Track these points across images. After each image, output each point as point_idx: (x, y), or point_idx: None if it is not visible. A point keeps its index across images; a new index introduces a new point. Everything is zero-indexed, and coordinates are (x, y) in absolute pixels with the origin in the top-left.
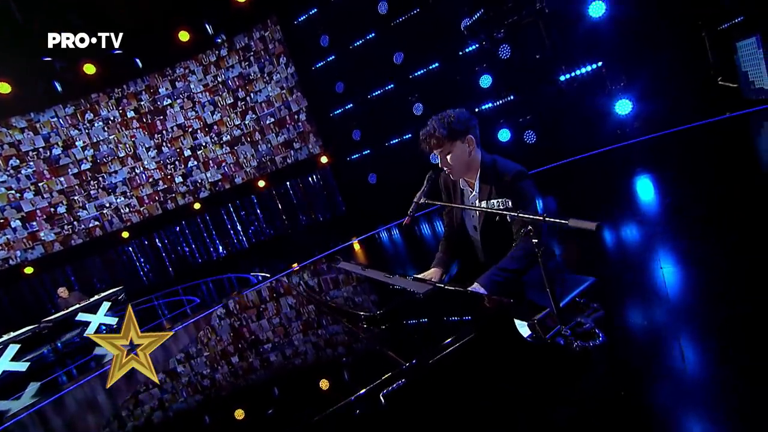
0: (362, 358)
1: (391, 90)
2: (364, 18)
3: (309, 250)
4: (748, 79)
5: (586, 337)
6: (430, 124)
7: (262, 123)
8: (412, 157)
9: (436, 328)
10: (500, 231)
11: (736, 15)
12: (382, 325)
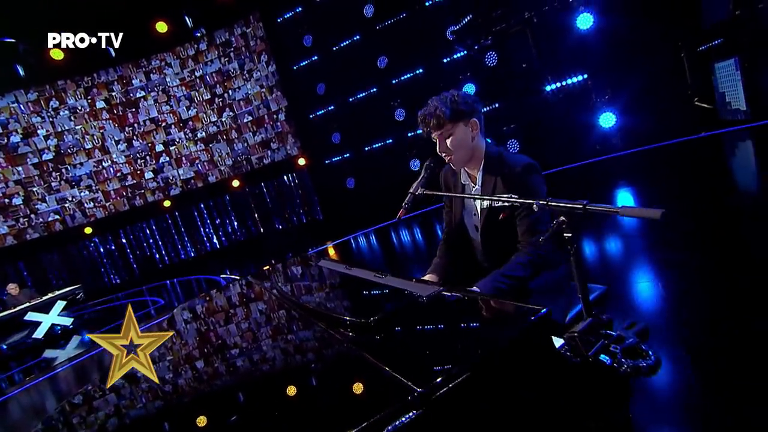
0: (355, 381)
1: (374, 94)
2: (350, 20)
3: (282, 254)
4: (725, 99)
5: (633, 354)
6: (431, 103)
7: (239, 121)
8: (392, 163)
9: (449, 340)
10: (503, 232)
11: (715, 37)
12: (377, 335)
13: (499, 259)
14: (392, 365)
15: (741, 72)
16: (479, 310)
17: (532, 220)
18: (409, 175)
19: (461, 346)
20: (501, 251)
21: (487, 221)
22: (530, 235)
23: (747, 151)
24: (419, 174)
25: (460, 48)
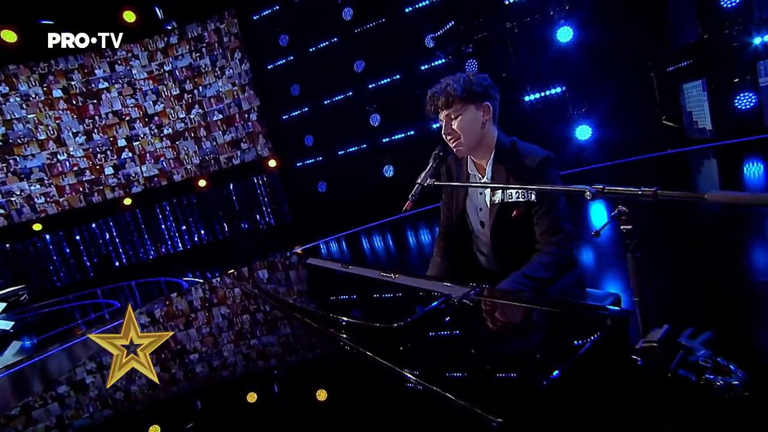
0: (407, 413)
1: (349, 98)
2: (327, 22)
3: (248, 257)
4: (692, 119)
5: (718, 371)
6: (442, 82)
7: (208, 119)
8: (365, 168)
9: (504, 352)
10: (516, 231)
11: (684, 59)
12: (408, 344)
13: (509, 260)
14: (451, 387)
15: (707, 93)
16: (533, 313)
17: (553, 217)
18: (382, 182)
19: (526, 358)
20: (512, 251)
21: (498, 218)
22: (551, 234)
23: (711, 169)
24: (425, 165)
25: (440, 54)
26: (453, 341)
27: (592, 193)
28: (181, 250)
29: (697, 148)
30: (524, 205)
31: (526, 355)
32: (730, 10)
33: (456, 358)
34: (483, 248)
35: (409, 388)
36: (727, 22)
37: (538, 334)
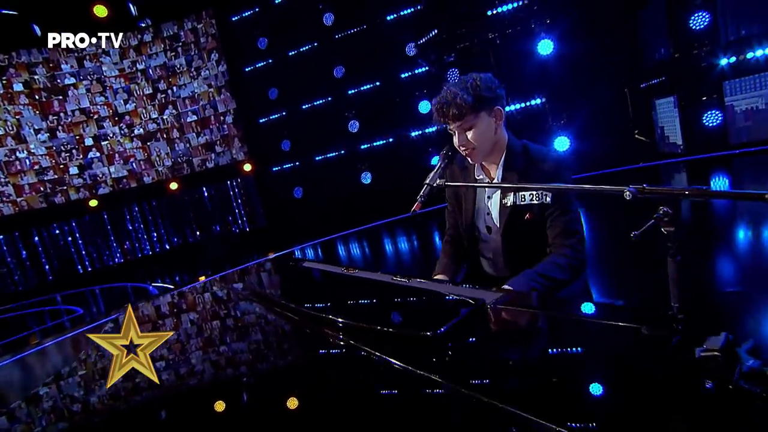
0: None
1: (328, 103)
2: (308, 26)
3: (220, 263)
4: (664, 133)
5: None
6: (450, 90)
7: (182, 120)
8: (342, 175)
9: (563, 363)
10: (529, 234)
11: (657, 76)
12: (445, 354)
13: (520, 263)
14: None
15: (678, 109)
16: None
17: (567, 219)
18: (359, 189)
19: (597, 371)
20: (524, 254)
21: (510, 221)
22: (566, 237)
23: (681, 182)
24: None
25: (423, 62)
26: (494, 348)
27: (632, 193)
28: (150, 255)
29: (669, 162)
30: (537, 208)
31: (587, 365)
32: (698, 32)
33: (505, 367)
34: (488, 253)
35: (465, 402)
36: (695, 43)
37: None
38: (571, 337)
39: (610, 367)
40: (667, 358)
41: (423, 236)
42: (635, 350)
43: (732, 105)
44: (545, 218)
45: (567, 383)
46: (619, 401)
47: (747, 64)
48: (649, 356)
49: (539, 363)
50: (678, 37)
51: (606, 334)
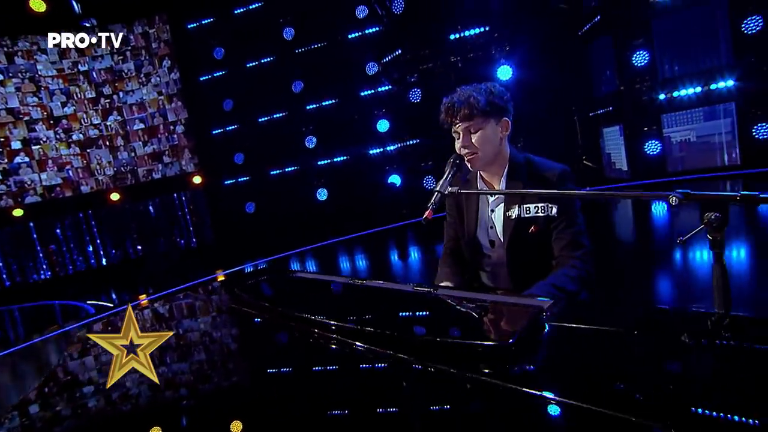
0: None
1: (285, 118)
2: (267, 39)
3: (164, 280)
4: (611, 160)
5: None
6: (463, 91)
7: (128, 127)
8: (297, 191)
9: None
10: (533, 247)
11: (605, 105)
12: (522, 364)
13: (524, 276)
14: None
15: (624, 138)
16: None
17: (574, 232)
18: (314, 205)
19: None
20: (529, 269)
21: (514, 234)
22: (573, 249)
23: (627, 207)
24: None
25: (385, 81)
26: (569, 354)
27: (678, 198)
28: (85, 270)
29: (614, 187)
30: (543, 221)
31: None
32: (640, 68)
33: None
34: (488, 267)
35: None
36: (637, 78)
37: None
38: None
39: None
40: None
41: (380, 252)
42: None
43: (669, 136)
44: (550, 231)
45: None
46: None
47: (681, 100)
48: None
49: (618, 366)
50: (623, 71)
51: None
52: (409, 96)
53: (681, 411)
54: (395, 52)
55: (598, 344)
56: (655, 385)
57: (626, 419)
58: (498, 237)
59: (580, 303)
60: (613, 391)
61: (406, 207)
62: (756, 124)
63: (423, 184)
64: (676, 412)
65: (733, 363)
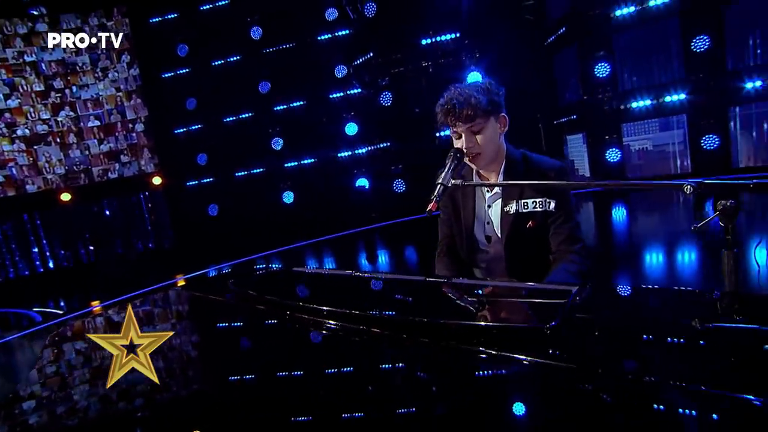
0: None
1: (251, 119)
2: (234, 38)
3: (119, 285)
4: (574, 166)
5: None
6: (462, 91)
7: (82, 124)
8: (262, 193)
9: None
10: (531, 242)
11: (569, 114)
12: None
13: (521, 273)
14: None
15: (586, 145)
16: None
17: (571, 227)
18: (280, 208)
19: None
20: (526, 264)
21: (512, 230)
22: (571, 244)
23: (588, 211)
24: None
25: (356, 83)
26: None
27: (693, 186)
28: (27, 275)
29: (578, 192)
30: (540, 216)
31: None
32: (602, 79)
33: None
34: (483, 263)
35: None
36: (600, 88)
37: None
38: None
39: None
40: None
41: (350, 255)
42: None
43: (629, 145)
44: (548, 226)
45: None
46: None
47: (639, 110)
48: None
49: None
50: (586, 81)
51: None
52: (380, 99)
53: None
54: (367, 55)
55: (630, 322)
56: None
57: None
58: (495, 232)
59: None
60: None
61: (375, 210)
62: (705, 135)
63: (393, 188)
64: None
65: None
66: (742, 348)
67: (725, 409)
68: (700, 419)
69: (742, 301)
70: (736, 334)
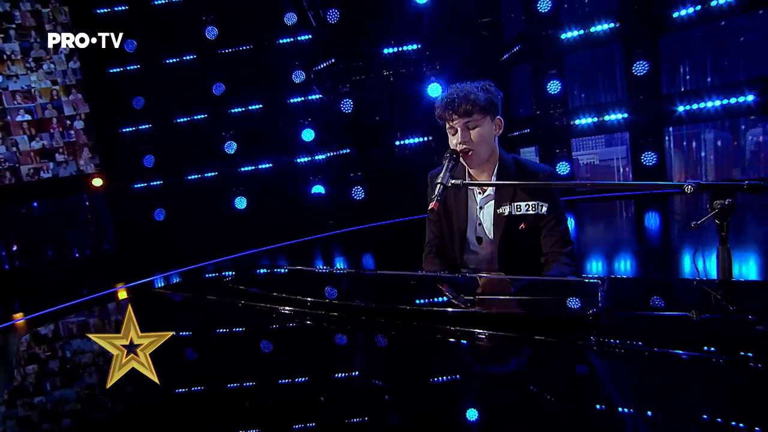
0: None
1: (203, 120)
2: (187, 36)
3: (52, 295)
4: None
5: None
6: (463, 87)
7: (8, 117)
8: (213, 198)
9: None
10: (522, 243)
11: (523, 128)
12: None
13: (515, 274)
14: None
15: (539, 158)
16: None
17: (562, 230)
18: (232, 214)
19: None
20: (518, 263)
21: (506, 230)
22: (562, 246)
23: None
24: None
25: (316, 89)
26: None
27: (693, 186)
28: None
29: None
30: (532, 218)
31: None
32: (554, 96)
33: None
34: (472, 264)
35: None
36: (551, 104)
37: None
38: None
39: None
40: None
41: (306, 263)
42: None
43: (578, 159)
44: (539, 228)
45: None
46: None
47: (587, 127)
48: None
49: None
50: (539, 97)
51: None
52: (341, 106)
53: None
54: (329, 61)
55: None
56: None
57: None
58: (486, 234)
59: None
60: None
61: (332, 218)
62: (644, 152)
63: (351, 195)
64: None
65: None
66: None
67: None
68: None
69: (736, 290)
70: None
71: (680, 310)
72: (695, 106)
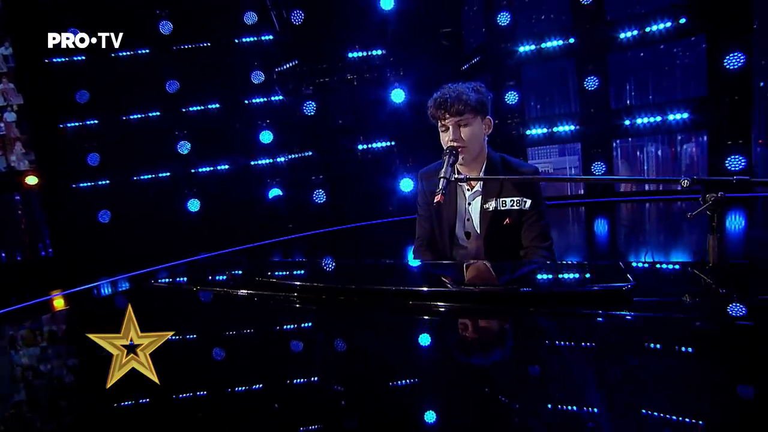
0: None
1: (155, 118)
2: (139, 29)
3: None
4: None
5: None
6: (455, 87)
7: None
8: (164, 200)
9: None
10: (507, 238)
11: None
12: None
13: None
14: None
15: None
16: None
17: (543, 225)
18: (185, 216)
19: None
20: (502, 256)
21: (492, 225)
22: (542, 240)
23: None
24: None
25: (279, 90)
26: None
27: (689, 180)
28: None
29: None
30: (516, 214)
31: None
32: (511, 106)
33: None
34: (460, 258)
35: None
36: (509, 114)
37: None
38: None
39: None
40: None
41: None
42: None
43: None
44: (522, 223)
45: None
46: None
47: (543, 136)
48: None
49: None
50: (497, 107)
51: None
52: (303, 108)
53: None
54: (292, 62)
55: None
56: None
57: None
58: (474, 228)
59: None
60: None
61: (292, 221)
62: (594, 162)
63: (312, 198)
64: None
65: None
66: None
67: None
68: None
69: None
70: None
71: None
72: (639, 121)
